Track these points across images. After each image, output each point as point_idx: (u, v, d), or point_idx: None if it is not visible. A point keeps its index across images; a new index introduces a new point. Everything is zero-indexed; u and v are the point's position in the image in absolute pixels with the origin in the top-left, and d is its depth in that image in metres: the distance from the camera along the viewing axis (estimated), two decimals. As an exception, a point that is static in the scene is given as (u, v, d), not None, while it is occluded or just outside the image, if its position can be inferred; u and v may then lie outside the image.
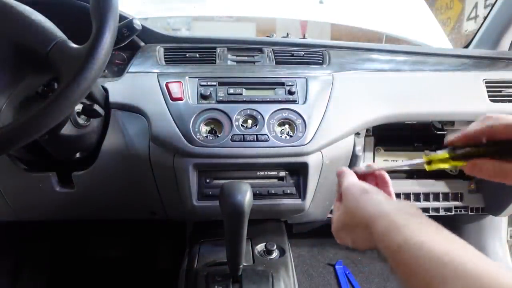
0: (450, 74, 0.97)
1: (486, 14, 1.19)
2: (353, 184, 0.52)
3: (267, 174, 0.82)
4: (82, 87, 0.53)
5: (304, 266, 1.21)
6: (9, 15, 0.58)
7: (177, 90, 0.80)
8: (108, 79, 0.85)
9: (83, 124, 0.73)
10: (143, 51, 0.94)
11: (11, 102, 0.59)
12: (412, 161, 0.54)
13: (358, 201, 0.49)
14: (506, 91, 0.92)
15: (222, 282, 0.75)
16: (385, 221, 0.42)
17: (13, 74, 0.59)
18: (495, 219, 1.21)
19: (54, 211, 0.96)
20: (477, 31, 1.21)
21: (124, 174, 0.85)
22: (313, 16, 1.90)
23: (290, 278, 0.81)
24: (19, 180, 0.85)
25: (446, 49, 1.27)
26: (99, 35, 0.54)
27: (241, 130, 0.77)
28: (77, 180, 0.84)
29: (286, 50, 0.98)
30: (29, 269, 1.28)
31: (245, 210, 0.65)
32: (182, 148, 0.76)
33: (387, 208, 0.44)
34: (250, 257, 0.85)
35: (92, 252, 1.36)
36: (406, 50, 1.05)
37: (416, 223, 0.40)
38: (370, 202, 0.47)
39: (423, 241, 0.36)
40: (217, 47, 0.97)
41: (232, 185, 0.67)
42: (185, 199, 0.81)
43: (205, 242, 0.89)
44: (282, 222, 0.99)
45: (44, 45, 0.57)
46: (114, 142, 0.81)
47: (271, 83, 0.85)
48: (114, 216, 1.04)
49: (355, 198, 0.49)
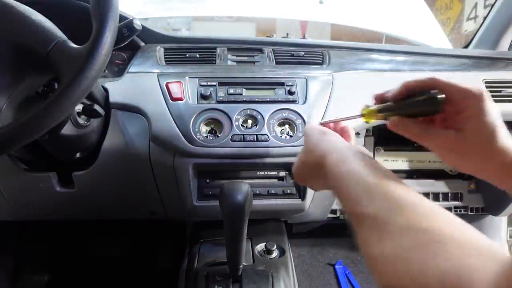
0: (450, 74, 0.97)
1: (485, 14, 1.19)
2: (313, 127, 0.57)
3: (267, 174, 0.82)
4: (83, 87, 0.53)
5: (304, 266, 1.21)
6: (9, 15, 0.58)
7: (177, 90, 0.80)
8: (108, 79, 0.85)
9: (84, 124, 0.73)
10: (143, 51, 0.94)
11: (11, 102, 0.59)
12: (351, 115, 0.58)
13: (316, 140, 0.52)
14: (506, 91, 0.92)
15: (222, 282, 0.75)
16: (335, 155, 0.46)
17: (13, 74, 0.59)
18: (495, 219, 1.21)
19: (54, 211, 0.96)
20: (476, 31, 1.21)
21: (124, 174, 0.85)
22: (313, 16, 1.90)
23: (290, 278, 0.81)
24: (19, 180, 0.85)
25: (446, 49, 1.27)
26: (99, 35, 0.54)
27: (241, 130, 0.77)
28: (77, 180, 0.84)
29: (286, 50, 0.98)
30: (29, 269, 1.28)
31: (245, 210, 0.65)
32: (182, 148, 0.76)
33: (340, 145, 0.48)
34: (250, 257, 0.85)
35: (92, 252, 1.36)
36: (406, 50, 1.05)
37: (362, 159, 0.43)
38: (326, 141, 0.51)
39: (366, 174, 0.39)
40: (217, 47, 0.97)
41: (232, 185, 0.67)
42: (185, 199, 0.81)
43: (205, 242, 0.89)
44: (282, 222, 0.99)
45: (44, 45, 0.57)
46: (114, 142, 0.81)
47: (271, 83, 0.85)
48: (114, 216, 1.04)
49: (313, 137, 0.53)
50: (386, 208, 0.35)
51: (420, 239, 0.30)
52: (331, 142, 0.50)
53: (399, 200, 0.35)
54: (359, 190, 0.39)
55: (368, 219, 0.36)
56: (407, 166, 1.04)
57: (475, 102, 0.45)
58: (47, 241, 1.33)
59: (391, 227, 0.33)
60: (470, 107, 0.45)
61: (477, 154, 0.46)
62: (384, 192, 0.37)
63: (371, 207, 0.36)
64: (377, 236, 0.33)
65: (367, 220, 0.36)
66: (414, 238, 0.31)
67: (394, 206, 0.35)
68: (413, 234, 0.31)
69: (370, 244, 0.34)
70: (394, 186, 0.37)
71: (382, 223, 0.34)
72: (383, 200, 0.36)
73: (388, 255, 0.32)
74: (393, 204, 0.35)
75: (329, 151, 0.47)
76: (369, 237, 0.35)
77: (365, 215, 0.36)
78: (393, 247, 0.31)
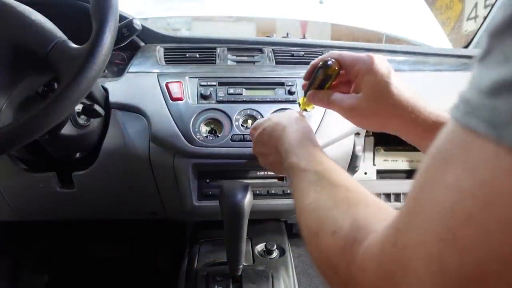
0: (450, 74, 0.97)
1: (486, 14, 1.19)
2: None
3: (267, 174, 0.82)
4: (82, 87, 0.53)
5: (304, 266, 1.21)
6: (9, 15, 0.58)
7: (177, 90, 0.80)
8: (108, 79, 0.85)
9: (83, 124, 0.73)
10: (143, 51, 0.94)
11: (11, 102, 0.59)
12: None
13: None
14: (506, 91, 0.92)
15: (222, 282, 0.75)
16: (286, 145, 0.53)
17: (13, 74, 0.59)
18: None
19: (54, 211, 0.96)
20: (477, 31, 1.21)
21: (124, 174, 0.85)
22: (313, 16, 1.91)
23: (290, 278, 0.81)
24: (19, 180, 0.85)
25: (446, 49, 1.27)
26: (99, 35, 0.54)
27: (241, 130, 0.77)
28: (77, 180, 0.84)
29: (286, 50, 0.98)
30: (29, 269, 1.28)
31: (245, 210, 0.65)
32: (182, 148, 0.76)
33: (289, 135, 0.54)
34: (250, 257, 0.85)
35: (92, 252, 1.36)
36: (406, 50, 1.05)
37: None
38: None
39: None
40: (217, 47, 0.97)
41: (232, 185, 0.67)
42: (185, 199, 0.81)
43: (205, 242, 0.89)
44: (282, 222, 0.99)
45: (44, 45, 0.57)
46: (114, 142, 0.81)
47: (271, 83, 0.85)
48: (114, 216, 1.04)
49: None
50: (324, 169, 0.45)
51: (344, 193, 0.39)
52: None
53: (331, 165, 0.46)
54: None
55: (309, 174, 0.45)
56: (407, 166, 1.04)
57: (364, 64, 0.51)
58: (47, 241, 1.33)
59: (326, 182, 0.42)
60: (361, 70, 0.51)
61: (376, 112, 0.52)
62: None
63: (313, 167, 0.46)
64: (314, 188, 0.42)
65: (309, 174, 0.45)
66: (341, 192, 0.40)
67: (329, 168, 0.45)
68: (341, 190, 0.40)
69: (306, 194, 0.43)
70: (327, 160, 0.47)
71: (319, 181, 0.43)
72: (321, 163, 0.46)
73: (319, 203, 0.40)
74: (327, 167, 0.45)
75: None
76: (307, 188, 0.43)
77: (307, 171, 0.45)
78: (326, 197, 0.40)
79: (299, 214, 0.42)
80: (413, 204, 0.25)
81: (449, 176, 0.22)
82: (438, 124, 0.50)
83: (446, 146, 0.23)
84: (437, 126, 0.49)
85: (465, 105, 0.21)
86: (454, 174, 0.21)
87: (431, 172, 0.24)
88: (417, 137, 0.53)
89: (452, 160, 0.22)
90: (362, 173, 1.01)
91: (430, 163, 0.24)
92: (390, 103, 0.50)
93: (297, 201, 0.44)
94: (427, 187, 0.24)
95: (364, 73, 0.51)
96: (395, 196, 1.03)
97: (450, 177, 0.22)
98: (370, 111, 0.52)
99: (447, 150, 0.23)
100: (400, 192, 1.07)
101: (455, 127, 0.22)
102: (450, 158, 0.22)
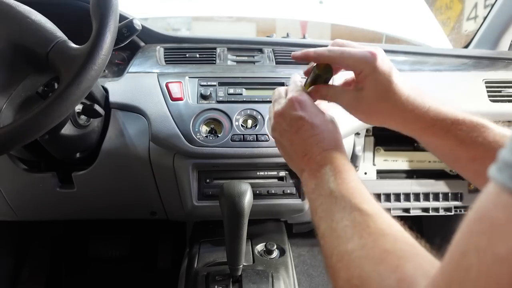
0: (450, 74, 0.97)
1: (486, 14, 1.19)
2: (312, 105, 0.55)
3: (267, 174, 0.82)
4: (83, 87, 0.53)
5: (304, 266, 1.21)
6: (9, 15, 0.58)
7: (177, 90, 0.80)
8: (108, 79, 0.85)
9: (83, 124, 0.73)
10: (143, 51, 0.94)
11: (11, 102, 0.59)
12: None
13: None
14: (506, 91, 0.92)
15: (222, 282, 0.75)
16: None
17: (13, 74, 0.59)
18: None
19: (55, 211, 0.96)
20: (477, 31, 1.21)
21: (124, 174, 0.85)
22: (313, 16, 1.91)
23: (290, 278, 0.81)
24: (19, 180, 0.85)
25: (446, 49, 1.27)
26: (99, 35, 0.54)
27: (241, 130, 0.77)
28: (77, 180, 0.84)
29: (286, 50, 0.98)
30: (29, 269, 1.28)
31: (245, 210, 0.65)
32: (182, 148, 0.76)
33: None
34: (250, 257, 0.85)
35: (92, 252, 1.36)
36: (406, 50, 1.05)
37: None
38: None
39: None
40: (217, 47, 0.97)
41: (232, 185, 0.67)
42: (185, 199, 0.81)
43: (205, 242, 0.89)
44: (282, 222, 0.99)
45: (44, 45, 0.57)
46: (114, 142, 0.81)
47: (271, 83, 0.85)
48: (114, 216, 1.04)
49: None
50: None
51: (392, 245, 0.35)
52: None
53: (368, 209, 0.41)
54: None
55: (356, 213, 0.40)
56: (407, 166, 1.04)
57: (367, 65, 0.50)
58: (47, 241, 1.33)
59: (370, 229, 0.38)
60: (364, 70, 0.51)
61: (377, 110, 0.52)
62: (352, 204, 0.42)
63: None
64: (360, 234, 0.38)
65: (355, 214, 0.40)
66: (388, 243, 0.36)
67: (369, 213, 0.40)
68: (389, 240, 0.36)
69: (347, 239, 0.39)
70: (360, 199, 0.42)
71: (365, 225, 0.38)
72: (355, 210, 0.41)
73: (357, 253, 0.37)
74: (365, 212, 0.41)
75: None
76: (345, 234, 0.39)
77: (352, 207, 0.41)
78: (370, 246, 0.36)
79: (336, 253, 0.39)
80: (456, 269, 0.23)
81: (501, 247, 0.20)
82: (436, 120, 0.50)
83: (492, 212, 0.21)
84: (436, 122, 0.50)
85: (511, 169, 0.20)
86: (506, 244, 0.19)
87: (475, 238, 0.22)
88: (416, 132, 0.53)
89: (502, 228, 0.20)
90: (362, 173, 1.01)
91: (473, 229, 0.22)
92: (391, 101, 0.51)
93: (336, 240, 0.40)
94: (472, 256, 0.22)
95: (367, 74, 0.51)
96: (395, 196, 1.03)
97: (502, 248, 0.20)
98: (371, 109, 0.53)
99: (494, 216, 0.21)
100: (400, 192, 1.07)
101: (501, 191, 0.20)
102: (499, 226, 0.20)
